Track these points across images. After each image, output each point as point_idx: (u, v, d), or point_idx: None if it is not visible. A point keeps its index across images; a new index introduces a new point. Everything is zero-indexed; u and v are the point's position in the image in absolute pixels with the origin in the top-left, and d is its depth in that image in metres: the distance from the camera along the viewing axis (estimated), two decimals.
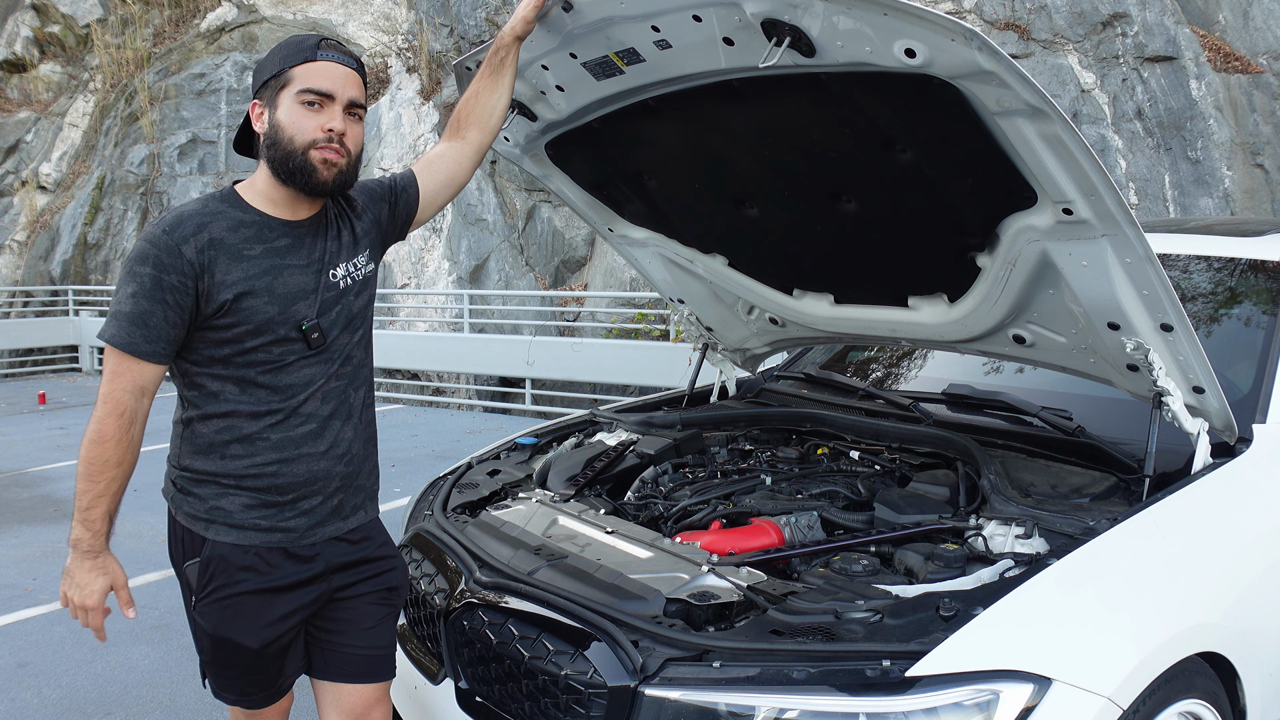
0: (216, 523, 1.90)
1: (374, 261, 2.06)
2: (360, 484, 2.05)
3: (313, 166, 1.85)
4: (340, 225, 2.00)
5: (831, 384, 3.28)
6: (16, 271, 13.63)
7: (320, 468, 1.94)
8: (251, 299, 1.82)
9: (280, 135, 1.84)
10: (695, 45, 2.09)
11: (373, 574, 2.06)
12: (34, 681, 3.68)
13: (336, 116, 1.86)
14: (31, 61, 14.81)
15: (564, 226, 10.12)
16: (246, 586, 1.90)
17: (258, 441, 1.88)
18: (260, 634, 1.92)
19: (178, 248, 1.79)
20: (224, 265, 1.81)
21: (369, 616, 2.05)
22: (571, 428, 3.21)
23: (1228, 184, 7.31)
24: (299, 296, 1.88)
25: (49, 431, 8.84)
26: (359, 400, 2.03)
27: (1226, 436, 2.27)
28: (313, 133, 1.84)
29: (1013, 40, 8.05)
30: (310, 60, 1.85)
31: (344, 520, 2.01)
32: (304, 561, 1.94)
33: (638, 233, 3.04)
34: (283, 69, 1.85)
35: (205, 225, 1.82)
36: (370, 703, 2.08)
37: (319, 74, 1.85)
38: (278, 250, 1.88)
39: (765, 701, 1.64)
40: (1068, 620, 1.74)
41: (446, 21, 11.29)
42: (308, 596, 1.96)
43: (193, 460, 1.92)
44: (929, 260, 2.47)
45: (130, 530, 5.59)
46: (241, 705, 2.03)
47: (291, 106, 1.84)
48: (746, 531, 2.27)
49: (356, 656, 2.05)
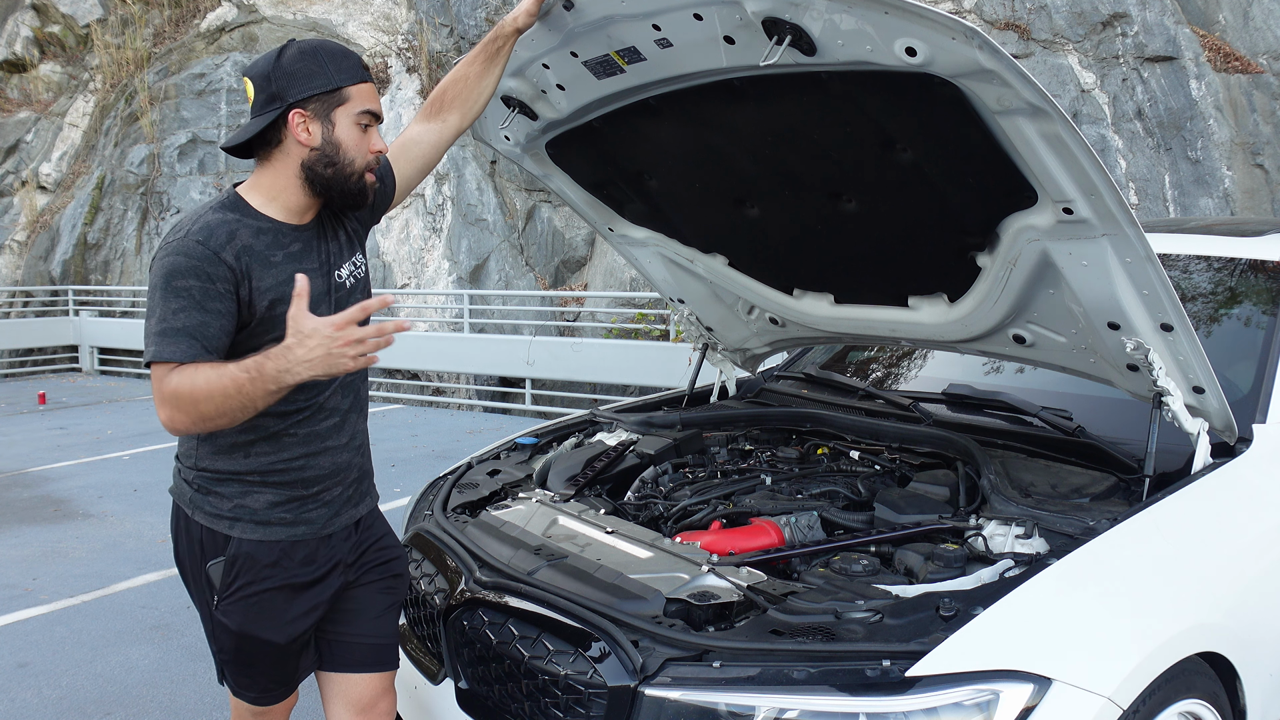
0: (242, 520, 1.90)
1: (363, 255, 2.10)
2: (367, 469, 2.11)
3: (366, 190, 1.92)
4: (335, 227, 2.01)
5: (831, 384, 3.28)
6: (16, 271, 13.62)
7: (343, 459, 1.99)
8: (283, 305, 1.80)
9: (340, 156, 1.86)
10: (696, 44, 2.09)
11: (378, 562, 2.10)
12: (34, 681, 3.68)
13: (379, 139, 1.90)
14: (31, 61, 14.80)
15: (564, 226, 10.11)
16: (273, 583, 1.92)
17: (284, 438, 1.90)
18: (287, 629, 1.94)
19: (217, 255, 1.76)
20: (258, 273, 1.81)
21: (375, 605, 2.09)
22: (571, 428, 3.21)
23: (1228, 184, 7.31)
24: (319, 300, 1.90)
25: (49, 431, 8.84)
26: (365, 392, 2.09)
27: (1226, 436, 2.27)
28: (367, 156, 1.89)
29: (1013, 40, 8.05)
30: (365, 81, 1.88)
31: (356, 507, 2.06)
32: (325, 554, 1.98)
33: (638, 232, 3.04)
34: (340, 86, 1.85)
35: (235, 233, 1.81)
36: (377, 693, 2.09)
37: (371, 96, 1.89)
38: (293, 255, 1.89)
39: (765, 701, 1.64)
40: (1068, 620, 1.74)
41: (446, 21, 11.29)
42: (327, 592, 1.99)
43: (213, 461, 1.91)
44: (929, 260, 2.47)
45: (130, 530, 5.60)
46: (260, 703, 2.04)
47: (351, 128, 1.86)
48: (746, 531, 2.27)
49: (364, 645, 2.07)
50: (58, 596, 4.56)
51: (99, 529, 5.66)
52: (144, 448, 7.96)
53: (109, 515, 5.95)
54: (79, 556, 5.15)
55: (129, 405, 10.29)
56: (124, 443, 8.20)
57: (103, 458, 7.63)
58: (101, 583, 4.72)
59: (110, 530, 5.63)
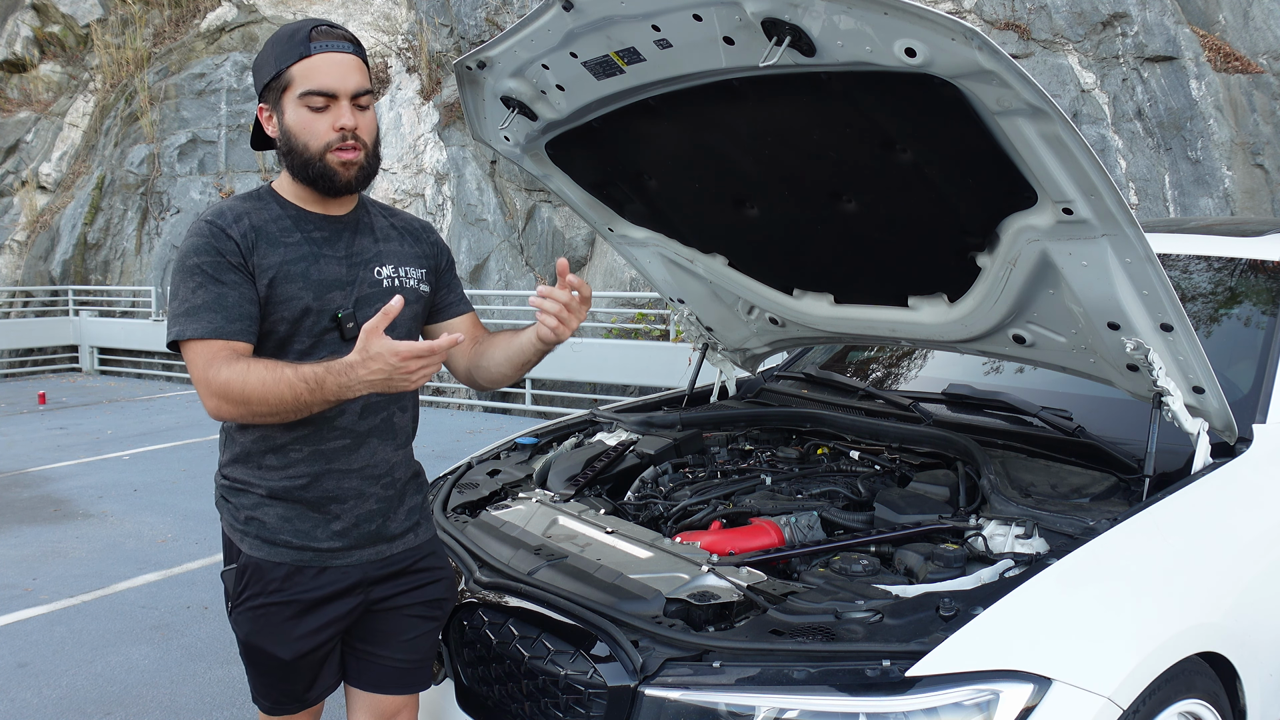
0: (250, 535, 1.88)
1: (428, 286, 2.02)
2: (409, 506, 2.00)
3: (332, 171, 1.80)
4: (393, 233, 2.00)
5: (831, 384, 3.28)
6: (16, 271, 13.62)
7: (352, 486, 1.89)
8: (288, 284, 1.80)
9: (294, 142, 1.80)
10: (696, 44, 2.09)
11: (415, 585, 2.01)
12: (34, 681, 3.68)
13: (345, 112, 1.79)
14: (31, 61, 14.80)
15: (564, 226, 10.12)
16: (279, 598, 1.87)
17: (290, 452, 1.86)
18: (293, 646, 1.88)
19: (224, 231, 1.78)
20: (263, 250, 1.80)
21: (408, 629, 2.01)
22: (571, 428, 3.21)
23: (1228, 184, 7.31)
24: (334, 285, 1.85)
25: (49, 431, 8.83)
26: (405, 423, 1.98)
27: (1226, 436, 2.27)
28: (325, 135, 1.78)
29: (1013, 40, 8.05)
30: (305, 56, 1.76)
31: (388, 544, 1.95)
32: (339, 574, 1.90)
33: (638, 232, 3.04)
34: (280, 70, 1.78)
35: (244, 214, 1.82)
36: (400, 706, 2.06)
37: (319, 71, 1.76)
38: (314, 240, 1.86)
39: (765, 701, 1.64)
40: (1068, 620, 1.74)
41: (446, 21, 11.29)
42: (343, 609, 1.92)
43: (233, 469, 1.91)
44: (929, 260, 2.47)
45: (130, 530, 5.60)
46: (273, 714, 1.99)
47: (298, 111, 1.78)
48: (746, 531, 2.27)
49: (391, 668, 2.02)
50: (58, 596, 4.56)
51: (99, 529, 5.66)
52: (144, 448, 7.96)
53: (109, 515, 5.95)
54: (79, 556, 5.15)
55: (129, 405, 10.29)
56: (124, 443, 8.20)
57: (103, 458, 7.63)
58: (101, 583, 4.72)
59: (110, 530, 5.63)
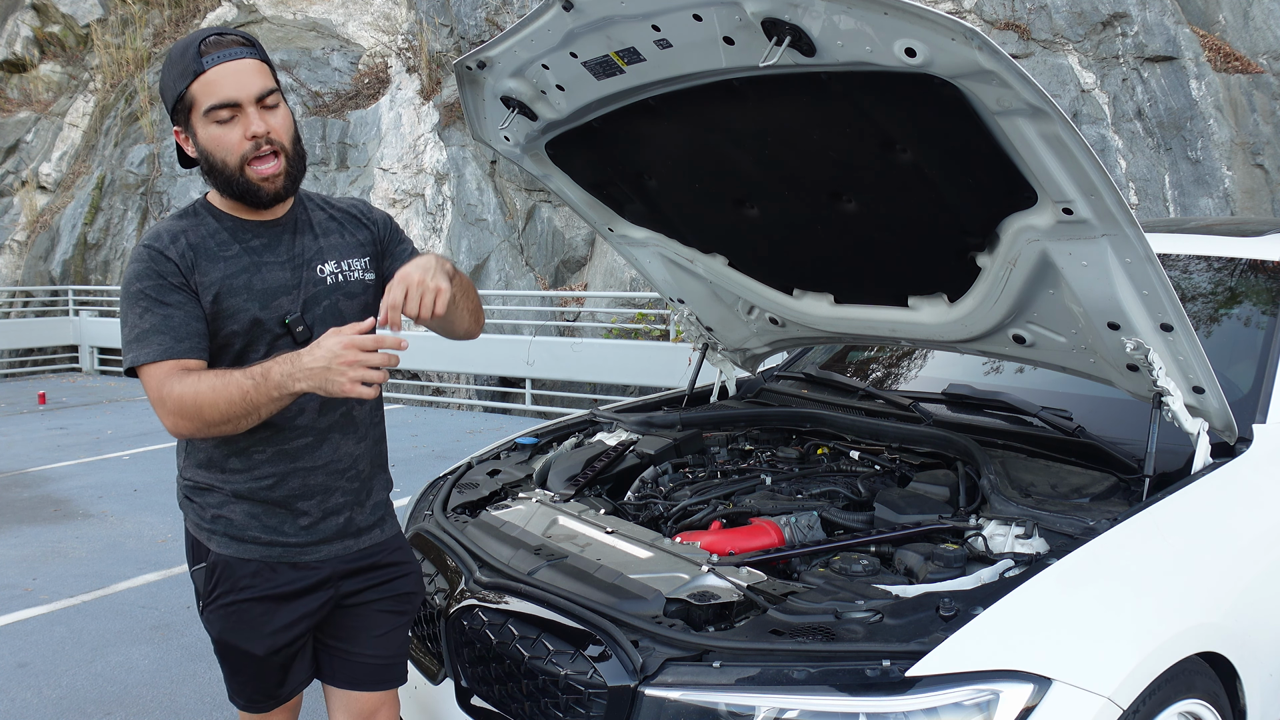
0: (218, 534, 1.90)
1: (373, 274, 2.00)
2: (375, 500, 2.03)
3: (254, 187, 1.80)
4: (333, 225, 1.99)
5: (831, 384, 3.28)
6: (16, 271, 13.62)
7: (317, 482, 1.92)
8: (232, 298, 1.81)
9: (213, 161, 1.79)
10: (696, 44, 2.09)
11: (383, 580, 2.03)
12: (34, 681, 3.68)
13: (254, 118, 1.77)
14: (31, 61, 14.80)
15: (564, 226, 10.11)
16: (251, 594, 1.89)
17: (253, 454, 1.87)
18: (265, 642, 1.91)
19: (161, 253, 1.79)
20: (204, 266, 1.81)
21: (379, 624, 2.03)
22: (571, 428, 3.21)
23: (1228, 184, 7.31)
24: (280, 292, 1.86)
25: (49, 431, 8.83)
26: (365, 415, 2.00)
27: (1226, 436, 2.27)
28: (239, 146, 1.77)
29: (1013, 40, 8.05)
30: (200, 72, 1.74)
31: (355, 538, 1.98)
32: (309, 569, 1.93)
33: (638, 232, 3.04)
34: (180, 92, 1.77)
35: (181, 234, 1.82)
36: (378, 704, 2.07)
37: (216, 84, 1.75)
38: (253, 249, 1.86)
39: (765, 701, 1.64)
40: (1068, 620, 1.74)
41: (446, 21, 11.28)
42: (314, 604, 1.95)
43: (195, 472, 1.92)
44: (929, 260, 2.47)
45: (130, 530, 5.60)
46: (249, 710, 2.02)
47: (207, 128, 1.77)
48: (746, 531, 2.27)
49: (366, 665, 2.03)
50: (58, 596, 4.56)
51: (99, 529, 5.66)
52: (144, 448, 7.96)
53: (109, 515, 5.95)
54: (79, 556, 5.14)
55: (129, 405, 10.29)
56: (124, 443, 8.19)
57: (103, 458, 7.63)
58: (101, 583, 4.72)
59: (110, 530, 5.62)
